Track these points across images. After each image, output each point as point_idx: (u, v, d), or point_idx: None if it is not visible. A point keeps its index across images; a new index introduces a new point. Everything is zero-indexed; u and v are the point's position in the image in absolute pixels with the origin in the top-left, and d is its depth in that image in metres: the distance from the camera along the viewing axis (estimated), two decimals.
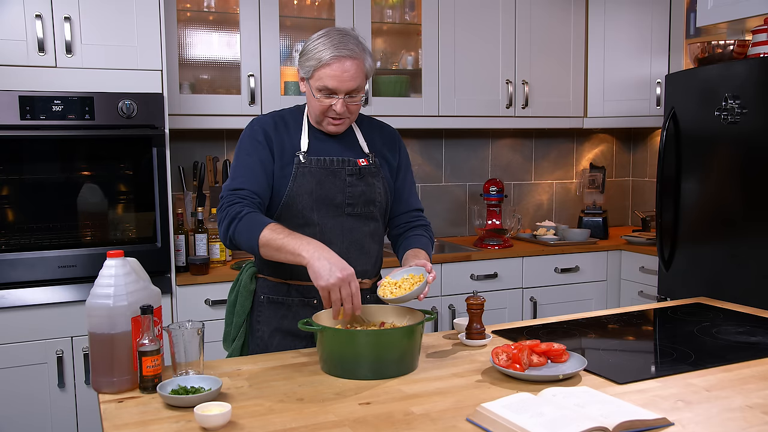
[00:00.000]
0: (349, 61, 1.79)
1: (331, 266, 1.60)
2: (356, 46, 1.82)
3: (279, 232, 1.70)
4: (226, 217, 1.78)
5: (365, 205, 1.93)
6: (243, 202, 1.79)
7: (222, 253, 3.18)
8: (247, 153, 1.88)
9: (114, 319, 1.50)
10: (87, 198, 2.74)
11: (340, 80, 1.79)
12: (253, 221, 1.74)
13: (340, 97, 1.82)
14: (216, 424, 1.29)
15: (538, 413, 1.27)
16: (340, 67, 1.78)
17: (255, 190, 1.83)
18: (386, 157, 2.01)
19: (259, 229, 1.71)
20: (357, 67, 1.81)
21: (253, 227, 1.73)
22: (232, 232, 1.76)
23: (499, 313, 3.43)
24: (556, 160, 4.28)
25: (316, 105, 1.85)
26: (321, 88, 1.81)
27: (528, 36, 3.72)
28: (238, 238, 1.76)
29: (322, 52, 1.79)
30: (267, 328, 1.95)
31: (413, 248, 1.92)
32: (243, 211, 1.76)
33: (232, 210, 1.78)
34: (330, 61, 1.78)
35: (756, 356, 1.71)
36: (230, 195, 1.81)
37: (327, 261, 1.61)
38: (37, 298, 2.65)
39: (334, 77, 1.79)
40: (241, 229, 1.74)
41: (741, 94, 2.83)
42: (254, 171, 1.85)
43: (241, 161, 1.87)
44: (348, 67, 1.79)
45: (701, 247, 3.07)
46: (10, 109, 2.55)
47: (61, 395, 2.70)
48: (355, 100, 1.85)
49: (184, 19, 3.20)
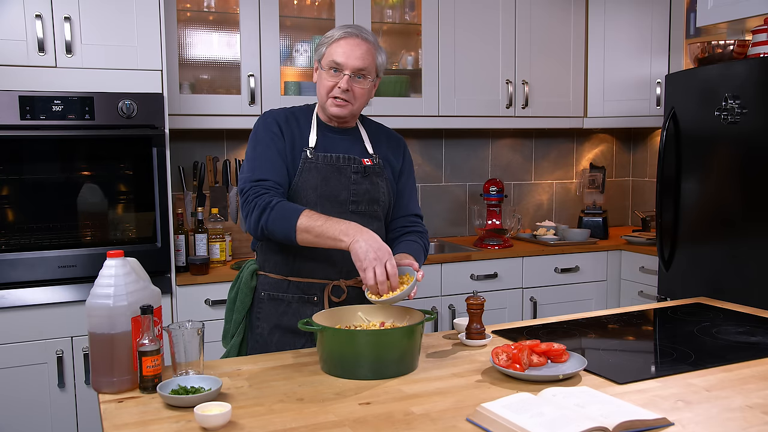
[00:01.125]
0: (360, 40, 1.88)
1: (369, 248, 1.64)
2: (370, 36, 1.92)
3: (316, 219, 1.73)
4: (255, 208, 1.79)
5: (369, 204, 1.94)
6: (270, 192, 1.81)
7: (222, 253, 3.18)
8: (265, 145, 1.90)
9: (114, 319, 1.50)
10: (87, 198, 2.74)
11: (348, 56, 1.86)
12: (287, 209, 1.77)
13: (347, 73, 1.86)
14: (216, 424, 1.29)
15: (538, 413, 1.27)
16: (349, 42, 1.87)
17: (278, 181, 1.85)
18: (390, 159, 2.03)
19: (295, 217, 1.74)
20: (367, 49, 1.88)
21: (288, 215, 1.75)
22: (264, 222, 1.78)
23: (499, 313, 3.43)
24: (556, 160, 4.28)
25: (323, 84, 1.90)
26: (330, 64, 1.88)
27: (528, 36, 3.72)
28: (272, 227, 1.77)
29: (335, 32, 1.90)
30: (267, 325, 1.96)
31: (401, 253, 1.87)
32: (273, 201, 1.78)
33: (261, 201, 1.79)
34: (342, 37, 1.88)
35: (756, 356, 1.71)
36: (255, 186, 1.83)
37: (366, 242, 1.65)
38: (37, 298, 2.65)
39: (343, 52, 1.86)
40: (275, 217, 1.76)
41: (741, 94, 2.83)
42: (274, 162, 1.87)
43: (259, 152, 1.89)
44: (358, 45, 1.87)
45: (701, 247, 3.07)
46: (10, 109, 2.55)
47: (61, 395, 2.70)
48: (361, 84, 1.89)
49: (184, 19, 3.20)
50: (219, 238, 3.17)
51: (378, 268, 1.63)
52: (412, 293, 1.69)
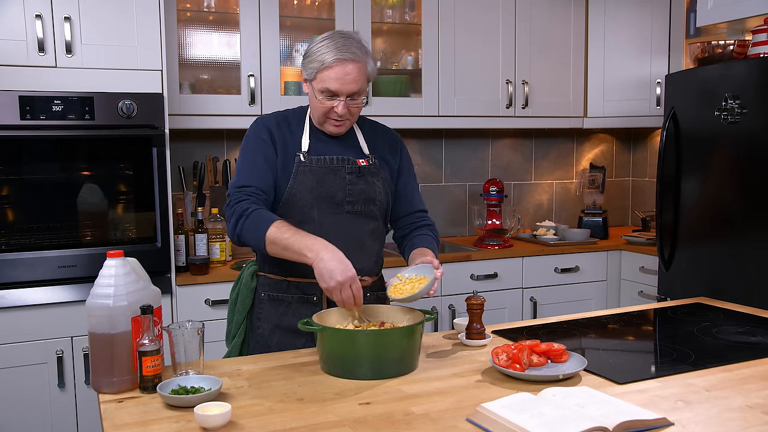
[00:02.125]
0: (351, 65, 1.82)
1: (332, 269, 1.63)
2: (359, 50, 1.84)
3: (285, 231, 1.72)
4: (233, 214, 1.80)
5: (365, 204, 1.94)
6: (250, 199, 1.82)
7: (222, 253, 3.18)
8: (252, 150, 1.90)
9: (114, 319, 1.50)
10: (87, 198, 2.74)
11: (342, 83, 1.82)
12: (260, 219, 1.76)
13: (342, 99, 1.84)
14: (216, 424, 1.29)
15: (538, 413, 1.27)
16: (342, 70, 1.81)
17: (261, 187, 1.85)
18: (387, 159, 2.03)
19: (265, 227, 1.74)
20: (359, 71, 1.83)
21: (259, 225, 1.75)
22: (239, 230, 1.79)
23: (499, 313, 3.43)
24: (556, 160, 4.28)
25: (319, 106, 1.88)
26: (323, 90, 1.84)
27: (528, 36, 3.72)
28: (245, 236, 1.79)
29: (325, 54, 1.82)
30: (267, 325, 1.96)
31: (419, 247, 1.93)
32: (249, 208, 1.78)
33: (239, 207, 1.80)
34: (332, 64, 1.81)
35: (756, 356, 1.72)
36: (237, 192, 1.84)
37: (329, 262, 1.63)
38: (37, 298, 2.65)
39: (336, 80, 1.81)
40: (248, 226, 1.77)
41: (741, 94, 2.83)
42: (259, 167, 1.87)
43: (246, 158, 1.90)
44: (350, 70, 1.82)
45: (701, 247, 3.07)
46: (10, 109, 2.55)
47: (61, 395, 2.70)
48: (357, 102, 1.88)
49: (184, 19, 3.20)
50: (219, 238, 3.17)
51: (344, 292, 1.64)
52: (432, 290, 1.71)
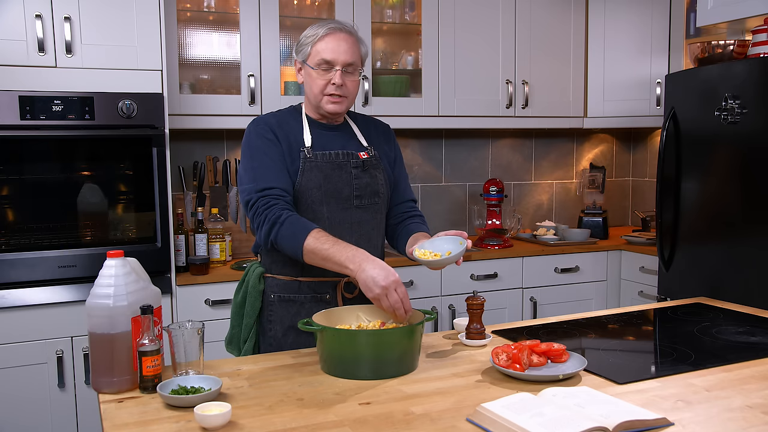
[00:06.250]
0: (344, 34, 1.90)
1: (375, 277, 1.63)
2: (351, 29, 1.93)
3: (324, 241, 1.72)
4: (265, 221, 1.79)
5: (371, 197, 1.96)
6: (279, 203, 1.80)
7: (222, 253, 3.18)
8: (263, 152, 1.88)
9: (114, 319, 1.50)
10: (87, 198, 2.74)
11: (337, 52, 1.87)
12: (296, 227, 1.76)
13: (338, 69, 1.87)
14: (216, 424, 1.29)
15: (538, 413, 1.27)
16: (335, 38, 1.88)
17: (283, 187, 1.85)
18: (384, 149, 2.05)
19: (303, 236, 1.73)
20: (352, 42, 1.90)
21: (297, 234, 1.75)
22: (274, 237, 1.78)
23: (499, 313, 3.44)
24: (556, 160, 4.28)
25: (316, 84, 1.90)
26: (319, 62, 1.88)
27: (528, 36, 3.72)
28: (281, 243, 1.78)
29: (317, 29, 1.90)
30: (280, 327, 1.95)
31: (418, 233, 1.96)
32: (282, 215, 1.78)
33: (270, 213, 1.78)
34: (326, 33, 1.88)
35: (756, 356, 1.71)
36: (263, 198, 1.82)
37: (371, 271, 1.64)
38: (37, 298, 2.65)
39: (331, 50, 1.87)
40: (284, 234, 1.76)
41: (741, 94, 2.83)
42: (276, 168, 1.86)
43: (259, 161, 1.87)
44: (344, 38, 1.89)
45: (701, 247, 3.07)
46: (10, 109, 2.55)
47: (61, 395, 2.70)
48: (353, 77, 1.91)
49: (184, 19, 3.20)
50: (219, 238, 3.17)
51: (390, 296, 1.64)
52: (459, 260, 1.79)
